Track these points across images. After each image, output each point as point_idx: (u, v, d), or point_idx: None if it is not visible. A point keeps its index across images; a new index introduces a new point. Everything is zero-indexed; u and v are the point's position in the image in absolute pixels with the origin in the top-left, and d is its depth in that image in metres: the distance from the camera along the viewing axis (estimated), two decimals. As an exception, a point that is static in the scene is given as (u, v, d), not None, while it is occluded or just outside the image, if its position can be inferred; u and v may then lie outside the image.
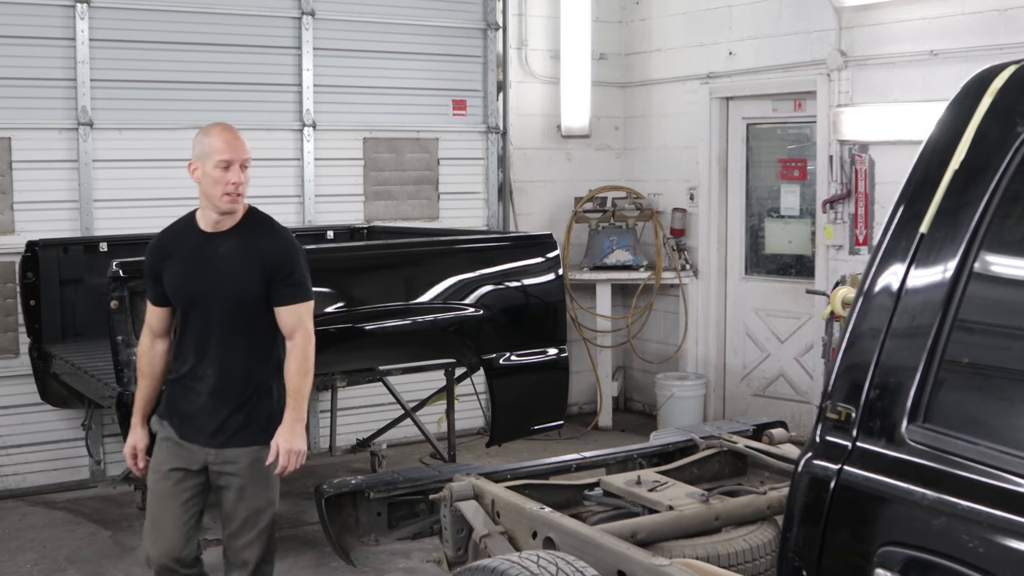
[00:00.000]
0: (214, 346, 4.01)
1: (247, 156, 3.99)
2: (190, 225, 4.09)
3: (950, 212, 2.34)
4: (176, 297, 4.05)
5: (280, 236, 4.12)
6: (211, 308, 4.00)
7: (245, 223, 4.07)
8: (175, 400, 4.10)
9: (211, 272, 4.00)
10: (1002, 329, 2.33)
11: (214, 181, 3.94)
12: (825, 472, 2.39)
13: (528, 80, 8.94)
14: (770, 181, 8.52)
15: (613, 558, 3.17)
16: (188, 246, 4.05)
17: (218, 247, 4.01)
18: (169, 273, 4.05)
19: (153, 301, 4.14)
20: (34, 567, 5.92)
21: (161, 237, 4.19)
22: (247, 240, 4.03)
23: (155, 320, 4.16)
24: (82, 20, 7.12)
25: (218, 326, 4.01)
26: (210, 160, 3.94)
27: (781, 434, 4.57)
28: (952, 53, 6.86)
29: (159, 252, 4.13)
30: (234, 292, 4.00)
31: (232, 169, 3.94)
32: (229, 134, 4.00)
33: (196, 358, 4.03)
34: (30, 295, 6.81)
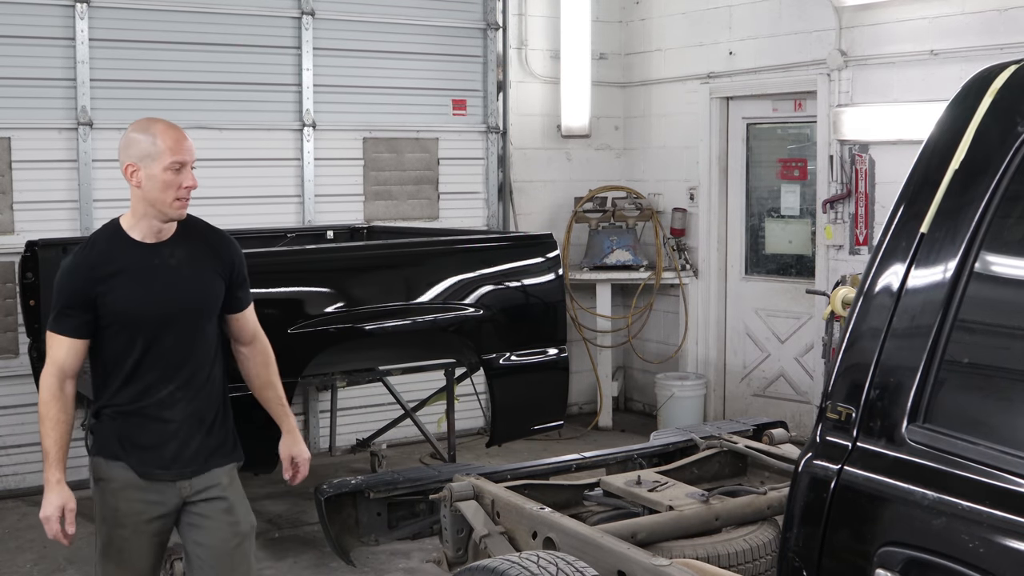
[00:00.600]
0: (185, 365, 3.59)
1: (195, 157, 3.64)
2: (120, 238, 3.59)
3: (950, 212, 2.34)
4: (132, 320, 3.52)
5: (228, 238, 3.79)
6: (177, 325, 3.57)
7: (184, 229, 3.67)
8: (131, 435, 3.58)
9: (171, 287, 3.57)
10: (1002, 329, 2.33)
11: (164, 185, 3.51)
12: (825, 472, 2.39)
13: (528, 80, 8.94)
14: (770, 181, 8.52)
15: (613, 558, 3.16)
16: (131, 262, 3.55)
17: (167, 258, 3.59)
18: (116, 295, 3.50)
19: (73, 332, 3.51)
20: (34, 567, 5.92)
21: (86, 257, 3.57)
22: (195, 247, 3.66)
23: (72, 356, 3.52)
24: (82, 20, 7.12)
25: (187, 343, 3.60)
26: (158, 162, 3.52)
27: (781, 434, 4.57)
28: (952, 53, 6.86)
29: (91, 273, 3.52)
30: (200, 304, 3.64)
31: (185, 172, 3.54)
32: (177, 132, 3.62)
33: (163, 382, 3.56)
34: (30, 295, 6.80)
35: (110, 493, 3.61)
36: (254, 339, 3.81)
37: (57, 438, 3.53)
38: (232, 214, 7.52)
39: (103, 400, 3.63)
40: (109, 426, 3.63)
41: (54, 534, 3.51)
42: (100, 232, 3.69)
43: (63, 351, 3.52)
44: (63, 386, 3.53)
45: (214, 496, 3.64)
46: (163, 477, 3.59)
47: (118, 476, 3.60)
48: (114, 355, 3.56)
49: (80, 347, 3.54)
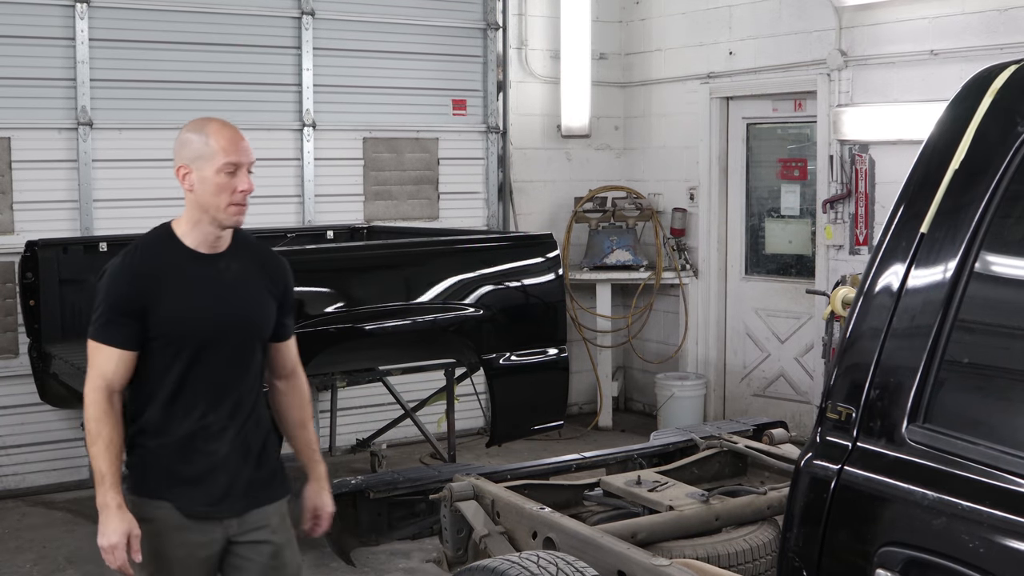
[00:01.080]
0: (234, 390, 3.27)
1: (254, 158, 3.30)
2: (172, 244, 3.29)
3: (950, 212, 2.34)
4: (181, 335, 3.20)
5: (282, 259, 3.49)
6: (228, 345, 3.26)
7: (240, 243, 3.38)
8: (175, 469, 3.22)
9: (226, 302, 3.27)
10: (1002, 329, 2.33)
11: (218, 189, 3.20)
12: (825, 472, 2.39)
13: (528, 80, 8.93)
14: (770, 181, 8.52)
15: (613, 558, 3.16)
16: (184, 271, 3.24)
17: (223, 271, 3.28)
18: (165, 307, 3.18)
19: (123, 344, 3.17)
20: (34, 567, 5.92)
21: (137, 261, 3.26)
22: (249, 262, 3.36)
23: (121, 369, 3.17)
24: (82, 20, 7.12)
25: (237, 365, 3.28)
26: (211, 163, 3.21)
27: (781, 434, 4.57)
28: (952, 53, 6.85)
29: (141, 281, 3.21)
30: (254, 324, 3.33)
31: (240, 174, 3.21)
32: (231, 131, 3.28)
33: (210, 408, 3.23)
34: (30, 295, 6.81)
35: (152, 535, 3.20)
36: (292, 373, 3.49)
37: (112, 459, 3.14)
38: (232, 214, 7.52)
39: (142, 424, 3.26)
40: (149, 459, 3.25)
41: (120, 564, 3.10)
42: (151, 236, 3.36)
43: (111, 364, 3.16)
44: (112, 402, 3.17)
45: (262, 540, 3.31)
46: (211, 515, 3.23)
47: (160, 517, 3.21)
48: (157, 373, 3.22)
49: (129, 360, 3.18)
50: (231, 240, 3.33)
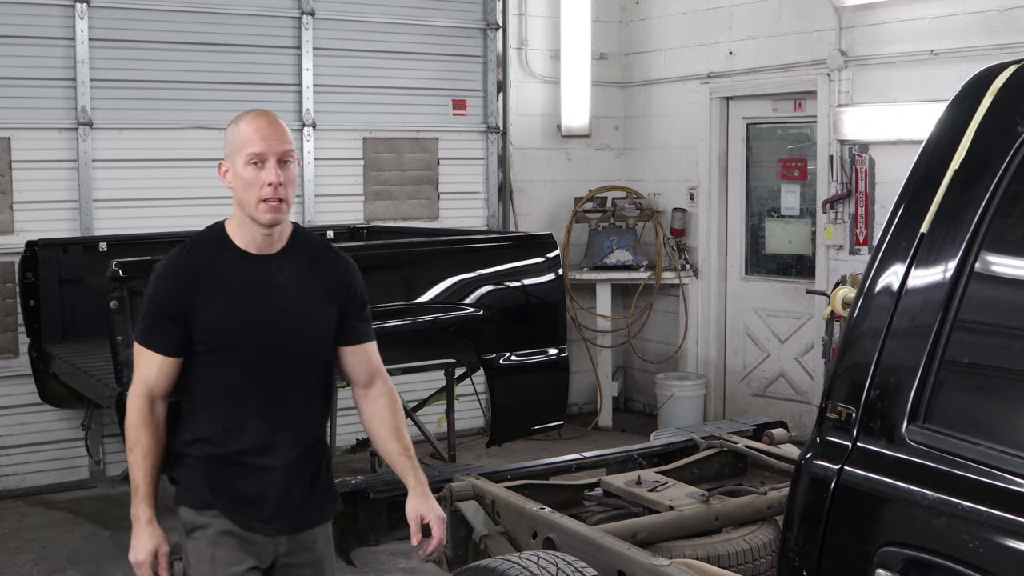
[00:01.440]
0: (287, 403, 3.08)
1: (288, 147, 3.02)
2: (224, 244, 3.09)
3: (950, 212, 2.34)
4: (229, 343, 3.02)
5: (344, 257, 3.26)
6: (281, 354, 3.06)
7: (296, 242, 3.14)
8: (225, 483, 3.06)
9: (277, 308, 3.06)
10: (1002, 329, 2.33)
11: (246, 184, 3.00)
12: (825, 472, 2.39)
13: (528, 80, 8.93)
14: (770, 181, 8.52)
15: (613, 558, 3.16)
16: (232, 273, 3.04)
17: (275, 275, 3.07)
18: (210, 311, 3.00)
19: (164, 349, 3.02)
20: (34, 567, 5.92)
21: (184, 260, 3.08)
22: (306, 264, 3.13)
23: (162, 376, 3.03)
24: (82, 20, 7.12)
25: (292, 376, 3.08)
26: (239, 156, 3.02)
27: (781, 434, 4.57)
28: (952, 53, 6.85)
29: (186, 282, 3.03)
30: (309, 332, 3.10)
31: (267, 166, 2.98)
32: (262, 120, 3.05)
33: (262, 422, 3.04)
34: (30, 295, 6.81)
35: (206, 541, 3.08)
36: (375, 379, 3.25)
37: (148, 469, 3.02)
38: (232, 214, 7.52)
39: (189, 436, 3.09)
40: (197, 472, 3.09)
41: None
42: (202, 235, 3.17)
43: (153, 369, 3.03)
44: (153, 408, 3.05)
45: (304, 563, 3.14)
46: (263, 530, 3.07)
47: (214, 523, 3.07)
48: (204, 382, 3.06)
49: (172, 366, 3.04)
50: (287, 239, 3.12)
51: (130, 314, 5.19)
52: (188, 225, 7.26)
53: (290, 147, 3.03)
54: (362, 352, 3.23)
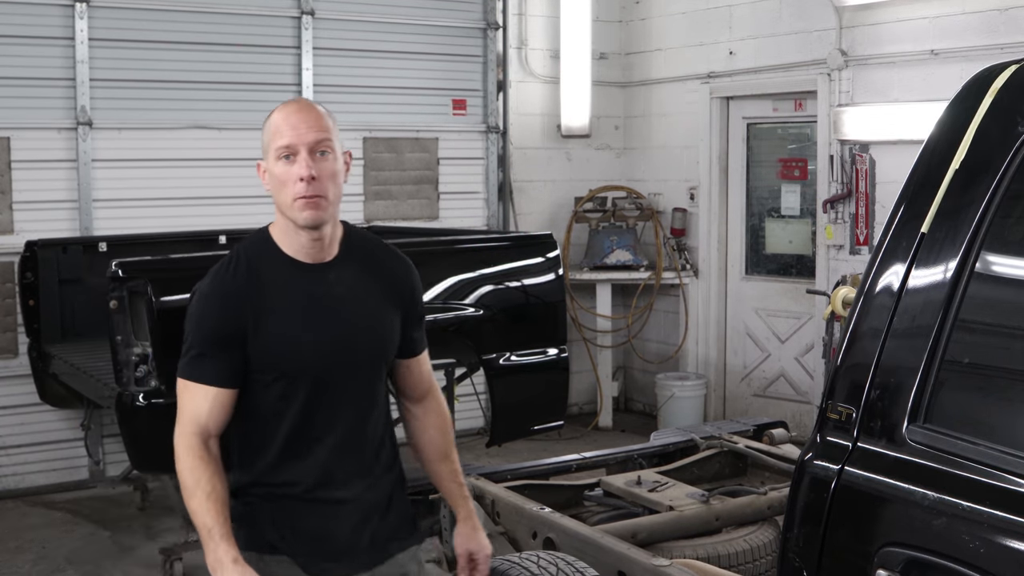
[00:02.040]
0: (358, 428, 2.75)
1: (322, 136, 2.64)
2: (272, 255, 2.72)
3: (951, 212, 2.34)
4: (291, 367, 2.66)
5: (404, 259, 2.92)
6: (347, 375, 2.72)
7: (351, 245, 2.78)
8: (291, 521, 2.71)
9: (341, 322, 2.70)
10: (1002, 329, 2.33)
11: (278, 182, 2.68)
12: (826, 472, 2.39)
13: (528, 80, 8.93)
14: (770, 181, 8.52)
15: (613, 558, 3.16)
16: (287, 288, 2.68)
17: (333, 285, 2.71)
18: (266, 333, 2.64)
19: (217, 380, 2.64)
20: (33, 567, 5.91)
21: (229, 279, 2.69)
22: (364, 269, 2.79)
23: (217, 411, 2.65)
24: (81, 20, 7.11)
25: (360, 399, 2.76)
26: (270, 152, 2.69)
27: (781, 434, 4.57)
28: (953, 53, 6.85)
29: (235, 302, 2.65)
30: (378, 347, 2.78)
31: (298, 159, 2.63)
32: (291, 107, 2.73)
33: (331, 451, 2.71)
34: (29, 295, 6.81)
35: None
36: (427, 394, 2.96)
37: (218, 509, 2.60)
38: (232, 214, 7.52)
39: (250, 475, 2.73)
40: (261, 511, 2.72)
41: None
42: (246, 246, 2.77)
43: (205, 405, 2.64)
44: (207, 446, 2.65)
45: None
46: (335, 572, 2.73)
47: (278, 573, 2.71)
48: (264, 413, 2.70)
49: (227, 399, 2.66)
50: (340, 243, 2.76)
51: (130, 314, 5.19)
52: (188, 225, 7.30)
53: (325, 136, 2.64)
54: (417, 364, 2.92)
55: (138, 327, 5.20)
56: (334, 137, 2.67)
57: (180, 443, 2.67)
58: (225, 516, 2.61)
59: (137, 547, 6.16)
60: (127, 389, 5.15)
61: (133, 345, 5.18)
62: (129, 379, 5.15)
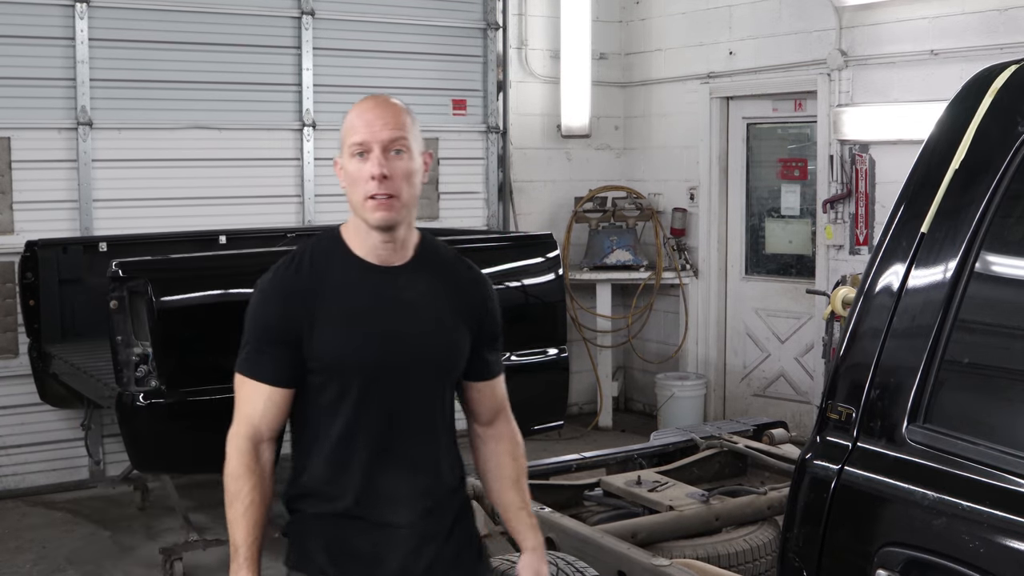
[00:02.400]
0: (415, 445, 2.60)
1: (397, 134, 2.51)
2: (341, 254, 2.60)
3: (951, 212, 2.34)
4: (342, 372, 2.53)
5: (482, 276, 2.75)
6: (406, 387, 2.57)
7: (425, 253, 2.65)
8: (341, 542, 2.57)
9: (405, 330, 2.56)
10: (1002, 329, 2.33)
11: (351, 180, 2.54)
12: (825, 472, 2.39)
13: (528, 80, 8.93)
14: (770, 181, 8.52)
15: (613, 558, 3.17)
16: (351, 288, 2.56)
17: (402, 290, 2.58)
18: (325, 333, 2.52)
19: (273, 378, 2.54)
20: (33, 567, 5.91)
21: (291, 274, 2.58)
22: (437, 280, 2.63)
23: (271, 412, 2.54)
24: (82, 20, 7.11)
25: (421, 412, 2.61)
26: (345, 149, 2.56)
27: (781, 434, 4.57)
28: (952, 53, 6.85)
29: (296, 299, 2.54)
30: (442, 360, 2.63)
31: (371, 156, 2.50)
32: (367, 103, 2.57)
33: (384, 470, 2.56)
34: (29, 295, 6.81)
35: None
36: (497, 417, 2.80)
37: (250, 527, 2.52)
38: (232, 214, 7.53)
39: (303, 484, 2.60)
40: (311, 528, 2.60)
41: None
42: (315, 243, 2.66)
43: (259, 404, 2.53)
44: (259, 453, 2.53)
45: None
46: None
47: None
48: (317, 420, 2.57)
49: (282, 399, 2.55)
50: (414, 249, 2.62)
51: (130, 314, 5.20)
52: (188, 225, 7.31)
53: (401, 134, 2.51)
54: (490, 390, 2.76)
55: (138, 327, 5.20)
56: (411, 135, 2.55)
57: (231, 444, 2.56)
58: (256, 536, 2.54)
59: (137, 547, 6.16)
60: (127, 389, 5.15)
61: (133, 345, 5.19)
62: (129, 379, 5.16)
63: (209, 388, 5.18)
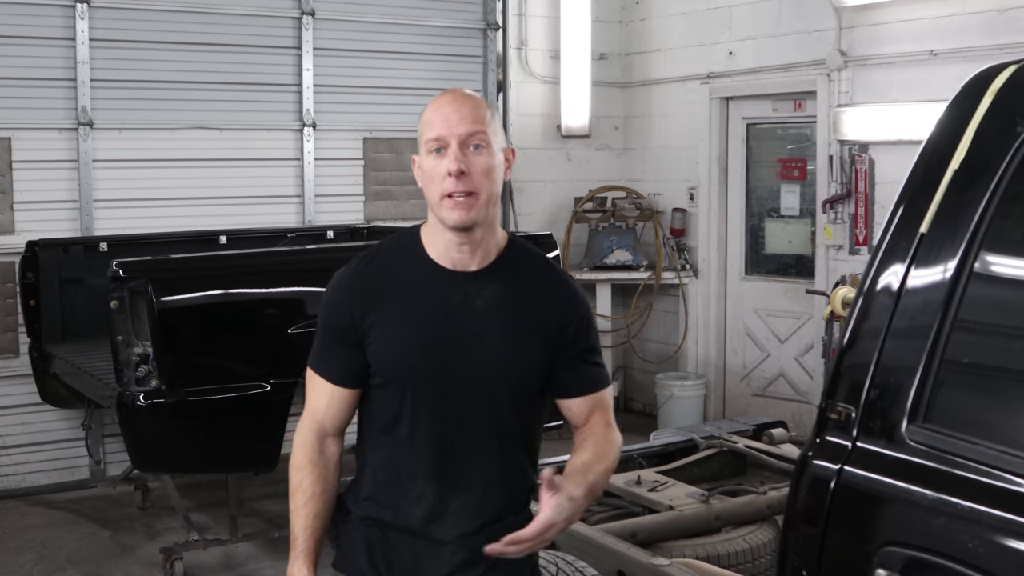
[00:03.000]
0: (467, 462, 2.46)
1: (475, 128, 2.41)
2: (414, 255, 2.49)
3: (950, 212, 2.34)
4: (397, 377, 2.44)
5: (570, 284, 2.59)
6: (465, 397, 2.45)
7: (509, 259, 2.51)
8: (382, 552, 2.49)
9: (464, 340, 2.43)
10: (1002, 329, 2.33)
11: (428, 177, 2.44)
12: (825, 472, 2.39)
13: (528, 80, 8.94)
14: (770, 181, 8.52)
15: (613, 558, 3.17)
16: (419, 290, 2.45)
17: (474, 297, 2.45)
18: (385, 334, 2.43)
19: (335, 377, 2.49)
20: (34, 567, 5.91)
21: (362, 272, 2.50)
22: (515, 288, 2.48)
23: (333, 409, 2.50)
24: (82, 20, 7.12)
25: (475, 428, 2.46)
26: (422, 145, 2.48)
27: (781, 434, 4.58)
28: (952, 53, 6.85)
29: (361, 297, 2.46)
30: (506, 373, 2.46)
31: (448, 152, 2.40)
32: (445, 98, 2.49)
33: (431, 481, 2.45)
34: (30, 295, 6.81)
35: None
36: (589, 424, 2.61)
37: (310, 519, 2.46)
38: (232, 214, 7.54)
39: (357, 489, 2.55)
40: (358, 534, 2.52)
41: None
42: (390, 242, 2.57)
43: (323, 400, 2.50)
44: (323, 447, 2.50)
45: None
46: None
47: None
48: (375, 424, 2.51)
49: (345, 399, 2.50)
50: (497, 254, 2.49)
51: (130, 314, 5.20)
52: (188, 225, 7.31)
53: (479, 128, 2.40)
54: (594, 401, 2.58)
55: (138, 327, 5.21)
56: (491, 130, 2.44)
57: (298, 435, 2.52)
58: (315, 527, 2.47)
59: (138, 547, 6.16)
60: (128, 389, 5.16)
61: (134, 345, 5.19)
62: (130, 379, 5.16)
63: (209, 388, 5.19)
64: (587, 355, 2.57)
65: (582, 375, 2.57)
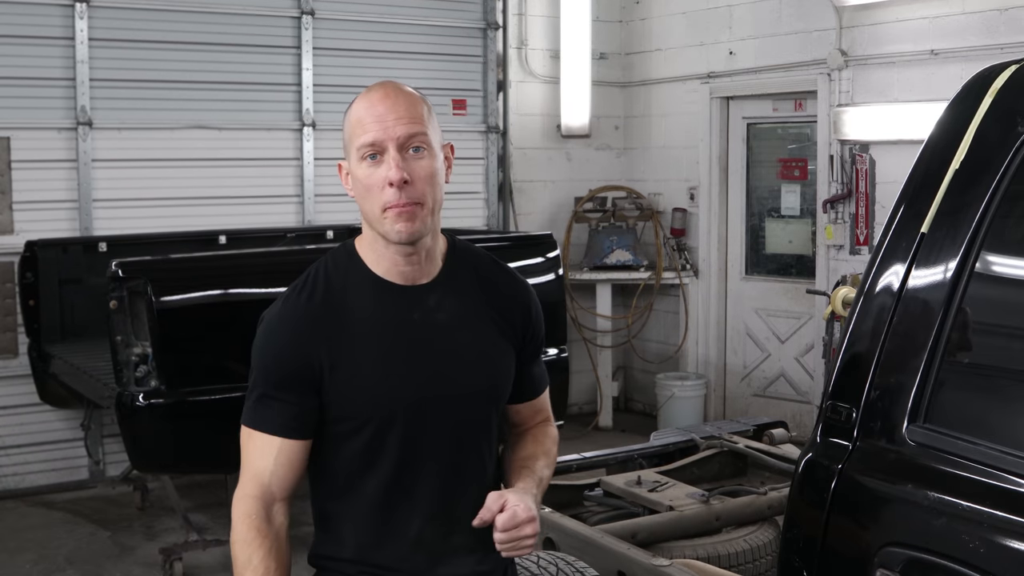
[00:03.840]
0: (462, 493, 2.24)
1: (415, 129, 2.12)
2: (357, 275, 2.22)
3: (951, 212, 2.34)
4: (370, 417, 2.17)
5: (518, 279, 2.44)
6: (448, 424, 2.22)
7: (455, 263, 2.29)
8: None
9: (442, 358, 2.22)
10: (1002, 329, 2.33)
11: (364, 187, 2.14)
12: (825, 472, 2.39)
13: (528, 80, 8.93)
14: (770, 181, 8.52)
15: (613, 558, 3.17)
16: (374, 315, 2.19)
17: (434, 312, 2.22)
18: (348, 371, 2.16)
19: (284, 429, 2.17)
20: (33, 567, 5.91)
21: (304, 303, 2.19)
22: (469, 293, 2.29)
23: (282, 468, 2.17)
24: (81, 20, 7.11)
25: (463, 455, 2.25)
26: (352, 151, 2.16)
27: (781, 434, 4.57)
28: (953, 53, 6.85)
29: (308, 333, 2.16)
30: (485, 389, 2.28)
31: (385, 159, 2.11)
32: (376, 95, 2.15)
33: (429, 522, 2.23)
34: (29, 295, 6.81)
35: None
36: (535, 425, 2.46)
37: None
38: (232, 214, 7.53)
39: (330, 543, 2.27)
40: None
41: None
42: (325, 264, 2.25)
43: (268, 459, 2.16)
44: (270, 515, 2.16)
45: None
46: None
47: None
48: (347, 473, 2.22)
49: (296, 454, 2.18)
50: (442, 260, 2.27)
51: (130, 314, 5.20)
52: (188, 225, 7.31)
53: (419, 129, 2.12)
54: (541, 401, 2.45)
55: (138, 327, 5.20)
56: (430, 129, 2.15)
57: (237, 507, 2.17)
58: None
59: (137, 547, 6.16)
60: (127, 389, 5.15)
61: (133, 345, 5.19)
62: (129, 379, 5.16)
63: (209, 388, 5.18)
64: (538, 351, 2.41)
65: (536, 377, 2.42)
